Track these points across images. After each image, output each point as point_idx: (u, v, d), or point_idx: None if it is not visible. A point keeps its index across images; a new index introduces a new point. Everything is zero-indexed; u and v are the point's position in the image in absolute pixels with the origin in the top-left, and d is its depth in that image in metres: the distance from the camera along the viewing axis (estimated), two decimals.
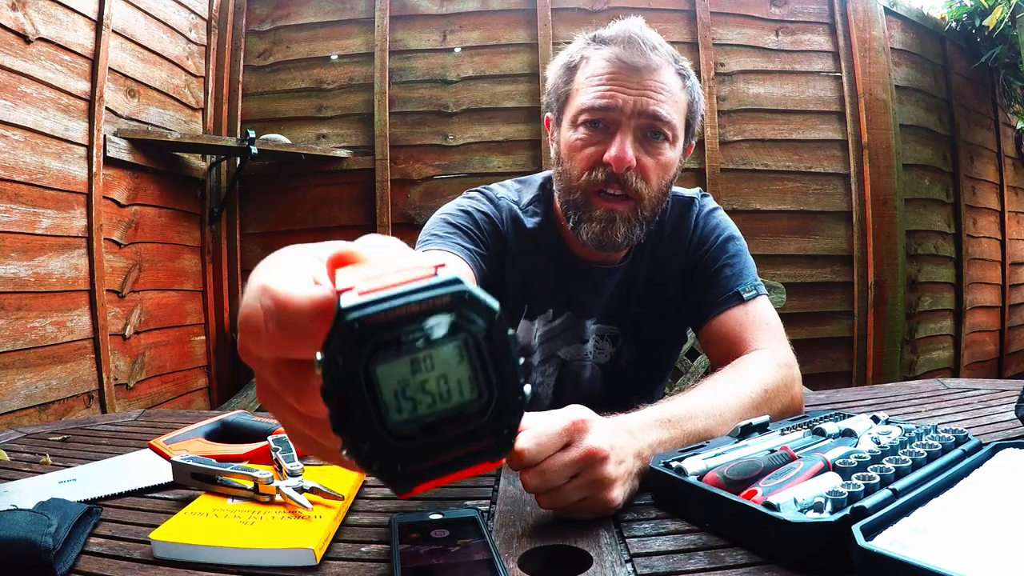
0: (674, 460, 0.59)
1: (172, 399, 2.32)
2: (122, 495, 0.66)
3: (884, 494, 0.48)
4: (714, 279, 0.99)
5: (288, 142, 2.47)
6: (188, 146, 2.34)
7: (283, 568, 0.49)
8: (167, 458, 0.70)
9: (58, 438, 0.91)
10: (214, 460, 0.64)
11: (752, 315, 0.94)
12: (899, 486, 0.50)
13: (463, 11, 2.65)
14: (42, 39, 1.76)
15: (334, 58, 2.66)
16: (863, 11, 2.65)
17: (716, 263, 1.00)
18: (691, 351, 2.35)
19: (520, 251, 1.02)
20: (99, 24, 1.96)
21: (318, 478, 0.61)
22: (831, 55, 2.69)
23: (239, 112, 2.63)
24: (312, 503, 0.57)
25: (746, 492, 0.52)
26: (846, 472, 0.54)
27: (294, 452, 0.67)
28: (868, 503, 0.46)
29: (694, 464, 0.58)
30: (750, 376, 0.80)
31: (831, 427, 0.68)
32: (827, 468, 0.56)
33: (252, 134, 2.27)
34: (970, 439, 0.61)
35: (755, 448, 0.62)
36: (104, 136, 1.97)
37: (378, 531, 0.56)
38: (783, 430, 0.69)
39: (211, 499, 0.60)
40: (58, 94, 1.82)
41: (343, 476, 0.65)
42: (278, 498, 0.58)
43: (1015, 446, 0.59)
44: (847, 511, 0.46)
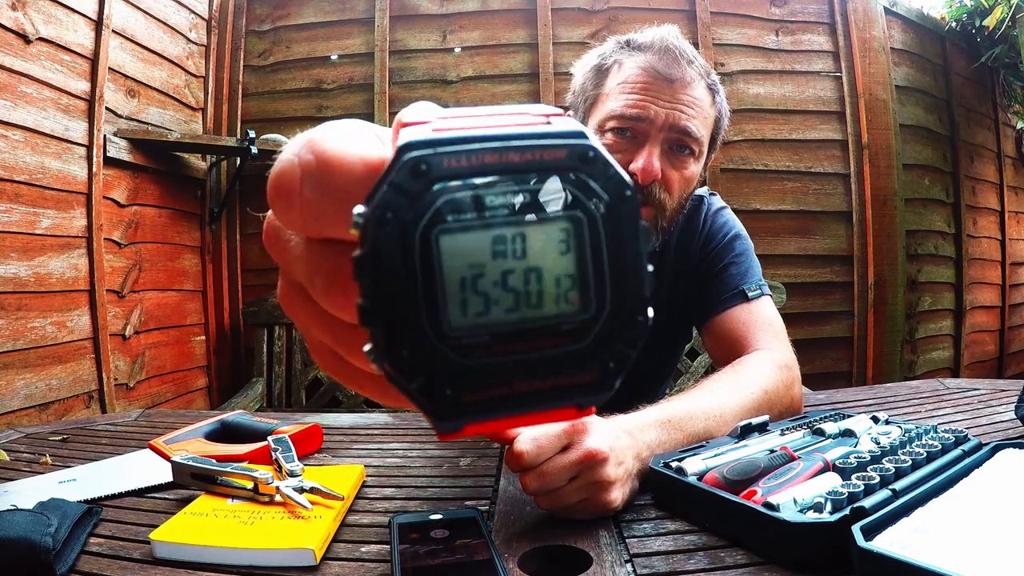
0: (674, 460, 0.59)
1: (172, 399, 2.32)
2: (122, 495, 0.66)
3: (884, 494, 0.48)
4: (719, 277, 0.99)
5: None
6: (188, 146, 2.34)
7: (283, 568, 0.49)
8: (167, 458, 0.70)
9: (58, 438, 0.91)
10: (214, 460, 0.64)
11: (755, 314, 0.94)
12: (899, 486, 0.50)
13: (463, 11, 2.65)
14: (42, 39, 1.76)
15: (334, 58, 2.66)
16: (863, 11, 2.65)
17: (722, 261, 1.00)
18: (691, 351, 2.35)
19: None
20: (99, 24, 1.96)
21: (318, 478, 0.61)
22: (831, 55, 2.69)
23: (239, 112, 2.63)
24: (312, 503, 0.57)
25: (746, 492, 0.52)
26: (846, 472, 0.54)
27: (294, 452, 0.67)
28: (868, 503, 0.46)
29: (694, 464, 0.58)
30: (750, 377, 0.80)
31: (831, 427, 0.68)
32: (827, 468, 0.56)
33: (252, 134, 2.27)
34: (970, 439, 0.61)
35: (755, 448, 0.62)
36: (104, 136, 1.97)
37: (378, 531, 0.56)
38: (783, 430, 0.69)
39: (211, 499, 0.60)
40: (58, 94, 1.82)
41: (343, 476, 0.65)
42: (278, 498, 0.58)
43: (1015, 446, 0.59)
44: (847, 511, 0.46)
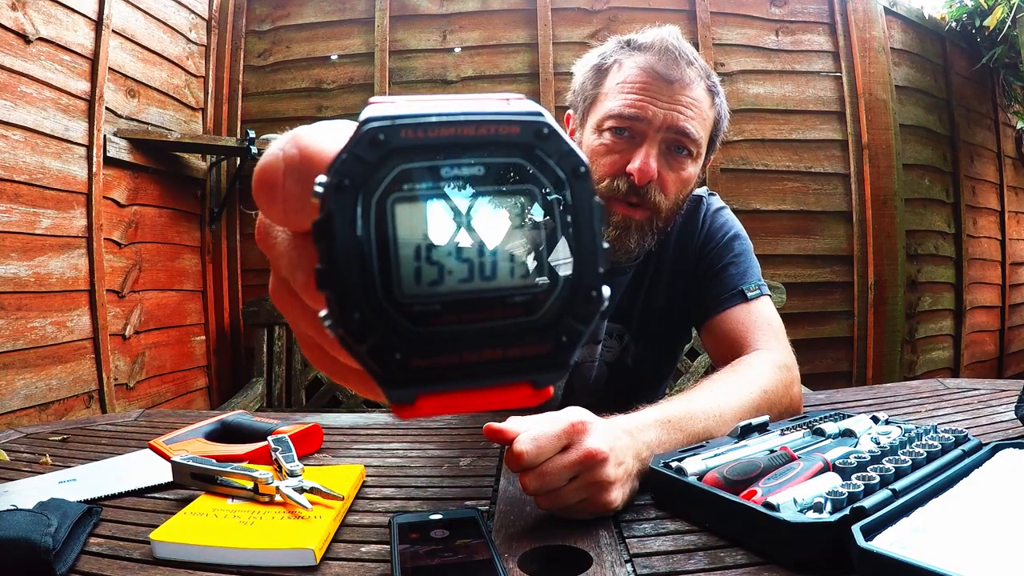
0: (674, 460, 0.59)
1: (172, 399, 2.32)
2: (122, 495, 0.66)
3: (884, 494, 0.48)
4: (718, 277, 0.99)
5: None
6: (188, 146, 2.34)
7: (283, 568, 0.49)
8: (167, 458, 0.70)
9: (58, 438, 0.91)
10: (214, 460, 0.64)
11: (755, 314, 0.94)
12: (899, 486, 0.50)
13: (463, 11, 2.65)
14: (42, 39, 1.76)
15: (334, 58, 2.66)
16: (863, 11, 2.65)
17: (721, 261, 1.00)
18: (691, 351, 2.35)
19: None
20: (99, 24, 1.96)
21: (318, 478, 0.61)
22: (831, 55, 2.69)
23: (239, 112, 2.63)
24: (312, 503, 0.57)
25: (746, 492, 0.52)
26: (846, 472, 0.54)
27: (294, 452, 0.67)
28: (868, 503, 0.46)
29: (694, 464, 0.58)
30: (749, 377, 0.80)
31: (831, 427, 0.68)
32: (827, 468, 0.56)
33: (252, 134, 2.27)
34: (970, 439, 0.61)
35: (755, 448, 0.62)
36: (104, 136, 1.97)
37: (378, 531, 0.56)
38: (783, 430, 0.69)
39: (211, 499, 0.60)
40: (58, 94, 1.82)
41: (343, 476, 0.65)
42: (278, 498, 0.58)
43: (1015, 446, 0.59)
44: (847, 511, 0.46)
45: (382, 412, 1.73)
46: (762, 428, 0.69)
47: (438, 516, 0.55)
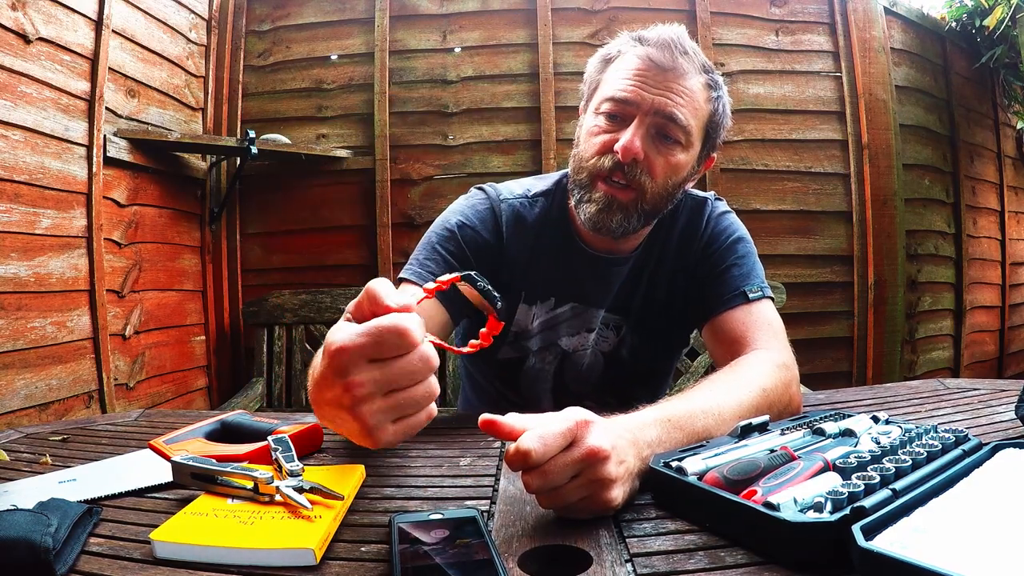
0: (674, 460, 0.59)
1: (172, 399, 2.32)
2: (122, 495, 0.66)
3: (884, 494, 0.48)
4: (721, 278, 1.00)
5: (288, 142, 2.47)
6: (188, 146, 2.34)
7: (283, 568, 0.49)
8: (167, 458, 0.70)
9: (58, 438, 0.91)
10: (214, 460, 0.64)
11: (755, 315, 0.95)
12: (899, 486, 0.50)
13: (463, 11, 2.65)
14: (42, 39, 1.76)
15: (334, 58, 2.66)
16: (863, 11, 2.65)
17: (724, 262, 1.02)
18: (691, 351, 2.35)
19: (517, 238, 1.05)
20: (99, 24, 1.96)
21: (318, 478, 0.61)
22: (831, 55, 2.69)
23: (239, 112, 2.63)
24: (312, 503, 0.57)
25: (746, 492, 0.52)
26: (846, 472, 0.54)
27: (294, 452, 0.67)
28: (868, 503, 0.46)
29: (694, 464, 0.58)
30: (749, 376, 0.80)
31: (831, 427, 0.68)
32: (827, 468, 0.56)
33: (252, 134, 2.27)
34: (970, 439, 0.61)
35: (755, 448, 0.62)
36: (104, 136, 1.97)
37: (378, 531, 0.56)
38: (783, 430, 0.69)
39: (211, 499, 0.60)
40: (58, 94, 1.82)
41: (343, 476, 0.65)
42: (278, 498, 0.58)
43: (1015, 446, 0.59)
44: (847, 511, 0.46)
45: None
46: (762, 428, 0.69)
47: (438, 516, 0.55)
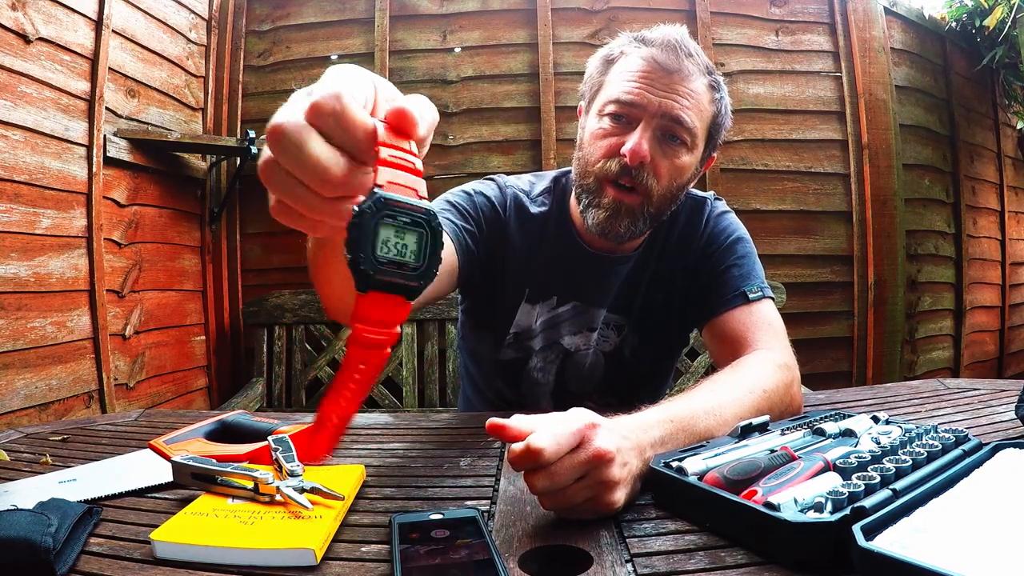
0: (674, 460, 0.59)
1: (172, 399, 2.32)
2: (122, 495, 0.66)
3: (884, 494, 0.48)
4: (721, 278, 1.00)
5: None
6: (188, 146, 2.34)
7: (283, 568, 0.49)
8: (167, 458, 0.70)
9: (58, 438, 0.91)
10: (214, 460, 0.64)
11: (756, 316, 0.95)
12: (899, 486, 0.50)
13: (463, 11, 2.65)
14: (42, 39, 1.76)
15: (334, 58, 2.66)
16: (863, 11, 2.65)
17: (724, 263, 1.01)
18: (691, 351, 2.35)
19: (521, 236, 1.05)
20: (99, 24, 1.96)
21: (318, 478, 0.61)
22: (831, 55, 2.69)
23: (239, 112, 2.63)
24: (312, 503, 0.57)
25: (746, 492, 0.52)
26: (846, 472, 0.54)
27: (294, 452, 0.67)
28: (868, 503, 0.46)
29: (694, 464, 0.58)
30: (750, 377, 0.80)
31: (831, 427, 0.68)
32: (827, 468, 0.56)
33: (252, 134, 2.27)
34: (970, 439, 0.61)
35: (755, 448, 0.62)
36: (104, 136, 1.97)
37: (378, 531, 0.56)
38: (783, 430, 0.69)
39: (211, 499, 0.60)
40: (58, 94, 1.82)
41: (343, 476, 0.65)
42: (278, 498, 0.58)
43: (1015, 446, 0.59)
44: (847, 511, 0.46)
45: (382, 412, 1.73)
46: (762, 428, 0.69)
47: (438, 516, 0.55)
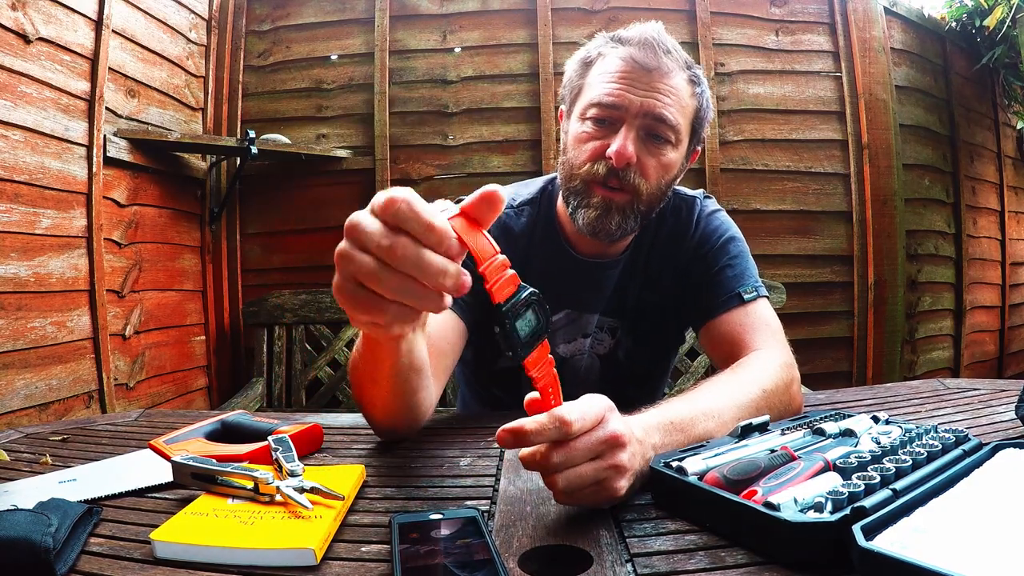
0: (674, 460, 0.59)
1: (172, 399, 2.32)
2: (122, 495, 0.66)
3: (884, 494, 0.48)
4: (715, 280, 0.99)
5: (288, 142, 2.47)
6: (188, 146, 2.34)
7: (283, 568, 0.49)
8: (167, 458, 0.70)
9: (58, 438, 0.91)
10: (214, 460, 0.64)
11: (752, 316, 0.95)
12: (899, 486, 0.50)
13: (463, 11, 2.65)
14: (42, 39, 1.76)
15: (334, 58, 2.66)
16: (863, 11, 2.65)
17: (717, 264, 1.01)
18: (691, 351, 2.36)
19: (505, 247, 1.04)
20: (99, 24, 1.96)
21: (318, 478, 0.61)
22: (831, 55, 2.69)
23: (239, 112, 2.63)
24: (312, 503, 0.57)
25: (746, 492, 0.52)
26: (846, 472, 0.54)
27: (294, 452, 0.67)
28: (868, 503, 0.46)
29: (694, 464, 0.58)
30: (749, 377, 0.80)
31: (831, 427, 0.68)
32: (827, 468, 0.56)
33: (252, 134, 2.27)
34: (970, 439, 0.61)
35: (755, 448, 0.62)
36: (104, 136, 1.97)
37: (378, 531, 0.56)
38: (783, 430, 0.69)
39: (211, 499, 0.60)
40: (58, 94, 1.82)
41: (343, 476, 0.65)
42: (278, 498, 0.58)
43: (1015, 446, 0.59)
44: (847, 511, 0.46)
45: None
46: (762, 428, 0.69)
47: (438, 516, 0.55)
